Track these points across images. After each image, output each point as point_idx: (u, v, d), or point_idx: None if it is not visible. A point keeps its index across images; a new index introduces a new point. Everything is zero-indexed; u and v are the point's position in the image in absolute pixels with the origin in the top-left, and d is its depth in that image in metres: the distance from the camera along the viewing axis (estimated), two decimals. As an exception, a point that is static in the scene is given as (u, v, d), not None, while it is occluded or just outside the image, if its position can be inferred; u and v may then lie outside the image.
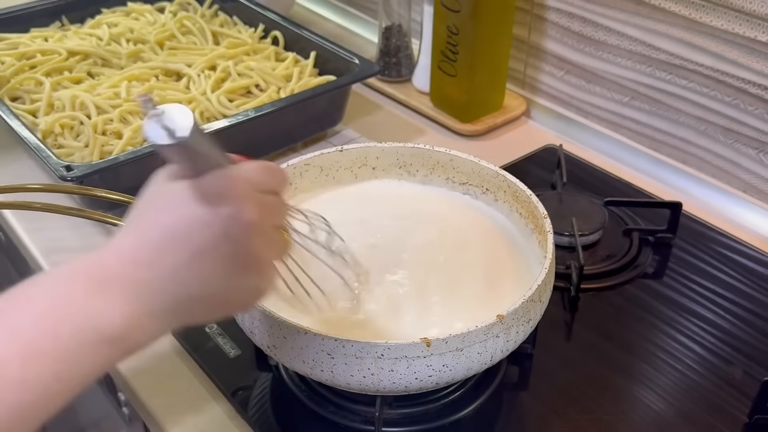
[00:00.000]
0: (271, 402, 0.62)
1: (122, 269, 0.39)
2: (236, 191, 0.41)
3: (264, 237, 0.42)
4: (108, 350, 0.38)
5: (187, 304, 0.41)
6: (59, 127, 0.86)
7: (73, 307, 0.37)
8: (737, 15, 0.77)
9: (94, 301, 0.38)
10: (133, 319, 0.39)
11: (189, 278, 0.40)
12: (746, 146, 0.82)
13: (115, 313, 0.38)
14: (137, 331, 0.39)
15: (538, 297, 0.55)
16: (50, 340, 0.36)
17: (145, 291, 0.39)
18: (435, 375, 0.52)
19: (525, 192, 0.65)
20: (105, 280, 0.39)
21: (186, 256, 0.40)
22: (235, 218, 0.40)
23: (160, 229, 0.40)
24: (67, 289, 0.38)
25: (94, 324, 0.37)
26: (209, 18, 1.11)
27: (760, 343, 0.67)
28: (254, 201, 0.41)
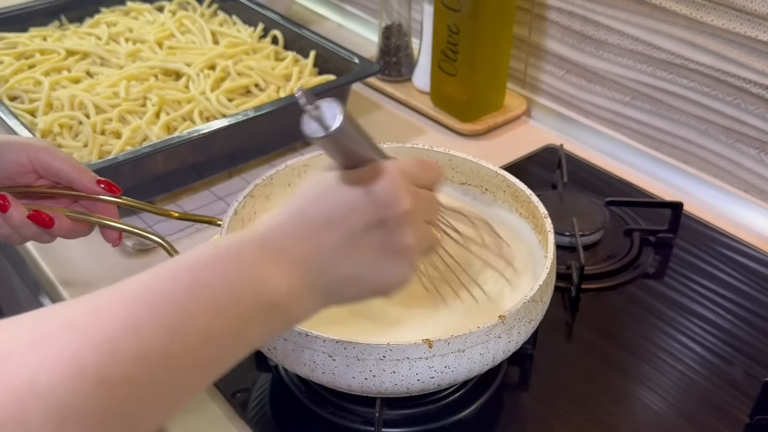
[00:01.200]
0: (271, 403, 0.62)
1: (288, 242, 0.41)
2: (393, 182, 0.43)
3: (415, 229, 0.44)
4: (274, 317, 0.40)
5: (339, 283, 0.43)
6: (58, 126, 0.86)
7: (252, 271, 0.39)
8: (738, 14, 0.77)
9: (269, 268, 0.40)
10: (297, 289, 0.41)
11: (342, 259, 0.42)
12: (747, 146, 0.82)
13: (285, 281, 0.40)
14: (297, 303, 0.41)
15: (539, 297, 0.55)
16: (233, 299, 0.38)
17: (308, 266, 0.41)
18: (437, 376, 0.51)
19: (525, 192, 0.65)
20: (275, 250, 0.41)
21: (342, 238, 0.42)
22: (391, 207, 0.43)
23: (320, 210, 0.43)
24: (246, 253, 0.40)
25: (266, 287, 0.39)
26: (208, 17, 1.11)
27: (761, 344, 0.67)
28: (409, 193, 0.44)
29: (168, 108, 0.89)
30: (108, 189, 0.59)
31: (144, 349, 0.34)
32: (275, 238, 0.42)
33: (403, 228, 0.43)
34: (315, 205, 0.43)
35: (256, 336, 0.40)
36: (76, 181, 0.58)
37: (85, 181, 0.58)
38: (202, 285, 0.37)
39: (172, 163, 0.82)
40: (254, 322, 0.39)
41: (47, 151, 0.57)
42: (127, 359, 0.33)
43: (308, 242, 0.42)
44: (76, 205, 0.60)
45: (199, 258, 0.39)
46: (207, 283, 0.38)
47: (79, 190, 0.58)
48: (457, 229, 0.56)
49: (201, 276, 0.38)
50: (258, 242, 0.41)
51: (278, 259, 0.41)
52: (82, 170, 0.58)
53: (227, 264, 0.39)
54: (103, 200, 0.59)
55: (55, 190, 0.59)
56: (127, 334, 0.34)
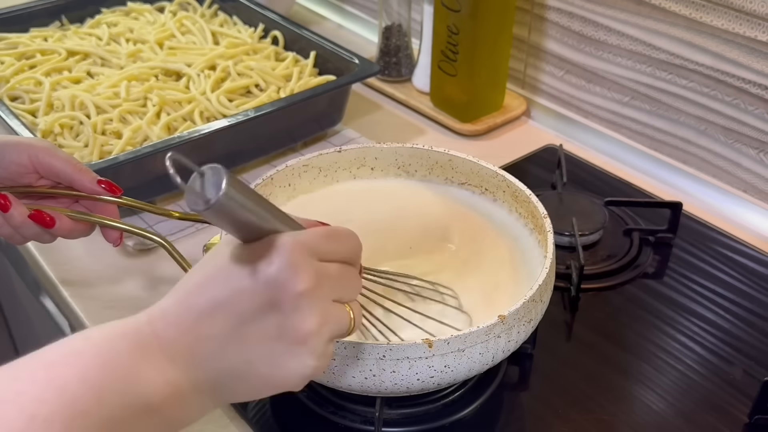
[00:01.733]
0: (271, 402, 0.62)
1: (168, 334, 0.38)
2: (289, 258, 0.37)
3: (318, 311, 0.38)
4: (146, 421, 0.36)
5: (229, 379, 0.39)
6: (59, 126, 0.86)
7: (121, 369, 0.36)
8: (737, 15, 0.77)
9: (141, 366, 0.36)
10: (177, 389, 0.37)
11: (231, 351, 0.38)
12: (746, 146, 0.82)
13: (162, 379, 0.36)
14: (178, 405, 0.37)
15: (539, 297, 0.55)
16: (96, 402, 0.34)
17: (190, 361, 0.38)
18: (437, 376, 0.52)
19: (524, 192, 0.65)
20: (152, 345, 0.37)
21: (229, 326, 0.37)
22: (285, 288, 0.37)
23: (205, 297, 0.38)
24: (116, 349, 0.36)
25: (139, 390, 0.36)
26: (209, 18, 1.11)
27: (760, 343, 0.67)
28: (309, 269, 0.38)
29: (168, 108, 0.89)
30: (109, 189, 0.59)
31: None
32: (155, 330, 0.38)
33: (301, 311, 0.37)
34: (201, 290, 0.38)
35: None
36: (77, 181, 0.58)
37: (86, 181, 0.58)
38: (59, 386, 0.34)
39: (172, 163, 0.82)
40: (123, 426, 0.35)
41: (48, 152, 0.57)
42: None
43: (190, 333, 0.37)
44: (77, 205, 0.60)
45: (64, 353, 0.35)
46: (65, 383, 0.34)
47: (79, 190, 0.58)
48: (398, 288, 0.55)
49: (59, 375, 0.34)
50: (133, 336, 0.37)
51: (154, 355, 0.37)
52: (83, 170, 0.58)
53: (92, 361, 0.35)
54: (103, 200, 0.59)
55: (56, 191, 0.59)
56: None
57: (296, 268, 0.37)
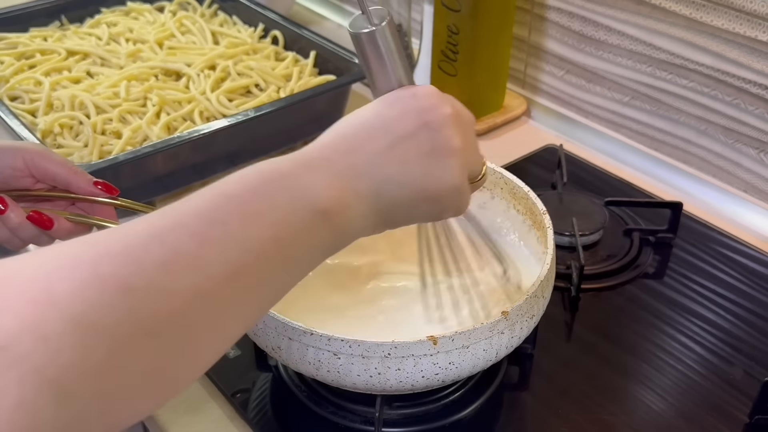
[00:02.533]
0: (271, 402, 0.62)
1: (325, 155, 0.41)
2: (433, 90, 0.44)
3: (462, 134, 0.44)
4: (321, 225, 0.38)
5: (389, 187, 0.42)
6: (58, 126, 0.86)
7: (285, 178, 0.38)
8: (738, 15, 0.77)
9: (303, 175, 0.39)
10: (340, 193, 0.39)
11: (389, 163, 0.42)
12: (747, 146, 0.82)
13: (324, 184, 0.39)
14: (344, 210, 0.40)
15: (541, 293, 0.55)
16: (267, 204, 0.36)
17: (348, 173, 0.40)
18: (441, 373, 0.52)
19: (522, 189, 0.65)
20: (312, 162, 0.40)
21: (385, 142, 0.42)
22: (433, 111, 0.43)
23: (359, 123, 0.43)
24: (277, 166, 0.39)
25: (305, 194, 0.38)
26: (209, 17, 1.11)
27: (760, 343, 0.67)
28: (450, 101, 0.45)
29: (168, 108, 0.89)
30: (106, 190, 0.58)
31: (171, 256, 0.32)
32: (312, 154, 0.41)
33: (448, 128, 0.43)
34: (353, 123, 0.43)
35: (301, 249, 0.38)
36: (73, 183, 0.57)
37: (83, 183, 0.58)
38: (230, 196, 0.36)
39: (172, 163, 0.82)
40: (295, 230, 0.37)
41: (43, 155, 0.56)
42: (153, 266, 0.31)
43: (351, 153, 0.41)
44: (74, 207, 0.60)
45: (228, 177, 0.38)
46: (236, 193, 0.36)
47: (76, 192, 0.58)
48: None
49: (229, 189, 0.36)
50: (293, 158, 0.40)
51: (318, 169, 0.39)
52: (78, 173, 0.58)
53: (258, 176, 0.38)
54: (100, 202, 0.59)
55: (52, 193, 0.59)
56: (149, 243, 0.32)
57: (441, 99, 0.44)
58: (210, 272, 0.33)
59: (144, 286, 0.30)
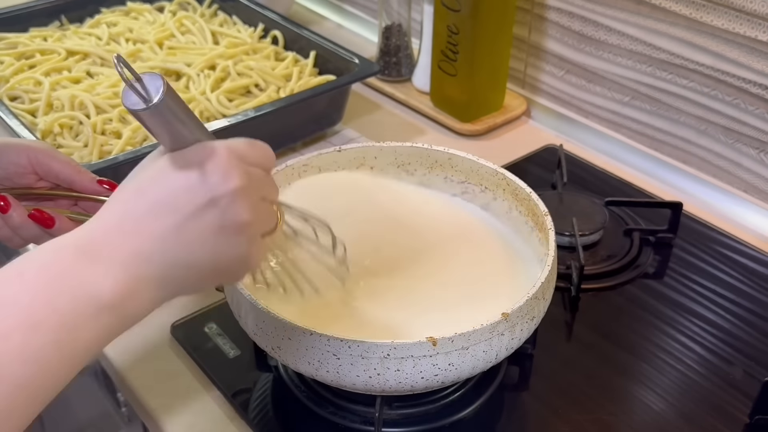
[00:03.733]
0: (271, 402, 0.62)
1: (109, 239, 0.39)
2: (222, 160, 0.41)
3: (251, 205, 0.42)
4: (106, 319, 0.38)
5: (177, 271, 0.41)
6: (58, 126, 0.86)
7: (67, 276, 0.37)
8: (738, 14, 0.77)
9: (86, 270, 0.38)
10: (126, 284, 0.39)
11: (176, 245, 0.40)
12: (747, 146, 0.82)
13: (109, 279, 0.38)
14: (132, 298, 0.39)
15: (541, 294, 0.55)
16: (49, 310, 0.36)
17: (134, 259, 0.39)
18: (441, 374, 0.52)
19: (524, 190, 0.65)
20: (94, 251, 0.39)
21: (171, 223, 0.40)
22: (221, 185, 0.41)
23: (144, 200, 0.40)
24: (59, 259, 0.38)
25: (89, 291, 0.37)
26: (208, 17, 1.11)
27: (760, 343, 0.67)
28: (240, 170, 0.42)
29: (168, 108, 0.89)
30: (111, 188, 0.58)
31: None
32: (96, 238, 0.39)
33: (236, 204, 0.41)
34: (139, 197, 0.41)
35: (88, 342, 0.38)
36: (77, 182, 0.57)
37: (86, 181, 0.58)
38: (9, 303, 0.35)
39: (172, 163, 0.82)
40: (80, 329, 0.37)
41: (47, 153, 0.57)
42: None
43: (134, 236, 0.40)
44: (76, 207, 0.60)
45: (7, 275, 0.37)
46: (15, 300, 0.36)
47: (80, 191, 0.58)
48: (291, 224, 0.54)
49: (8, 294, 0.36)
50: (74, 246, 0.39)
51: (98, 259, 0.38)
52: (82, 171, 0.58)
53: (38, 275, 0.37)
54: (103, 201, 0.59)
55: (55, 192, 0.59)
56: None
57: (231, 169, 0.41)
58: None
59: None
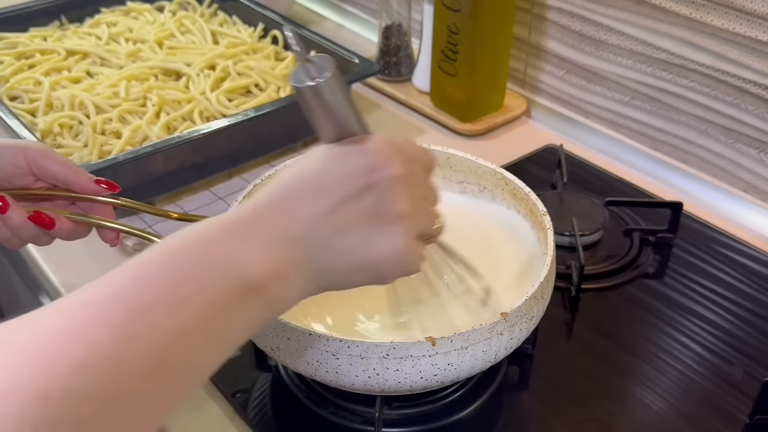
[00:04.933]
0: (271, 402, 0.62)
1: (261, 219, 0.38)
2: (382, 146, 0.40)
3: (409, 197, 0.40)
4: (253, 301, 0.36)
5: (326, 257, 0.39)
6: (58, 126, 0.86)
7: (215, 255, 0.36)
8: (738, 14, 0.77)
9: (236, 247, 0.37)
10: (275, 265, 0.37)
11: (328, 229, 0.39)
12: (747, 146, 0.82)
13: (258, 258, 0.37)
14: (280, 282, 0.38)
15: (540, 294, 0.55)
16: (195, 287, 0.34)
17: (285, 240, 0.38)
18: (440, 374, 0.52)
19: (523, 189, 0.65)
20: (245, 229, 0.38)
21: (326, 205, 0.39)
22: (380, 170, 0.40)
23: (302, 183, 0.40)
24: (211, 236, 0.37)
25: (237, 270, 0.36)
26: (208, 17, 1.11)
27: (760, 344, 0.67)
28: (401, 157, 0.40)
29: (168, 108, 0.89)
30: (109, 187, 0.58)
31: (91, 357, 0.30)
32: (249, 217, 0.38)
33: (394, 192, 0.40)
34: (297, 180, 0.40)
35: (234, 327, 0.36)
36: (74, 182, 0.57)
37: (84, 181, 0.57)
38: (153, 277, 0.34)
39: (172, 163, 0.82)
40: (227, 310, 0.35)
41: (45, 154, 0.56)
42: (72, 370, 0.29)
43: (287, 217, 0.38)
44: (74, 207, 0.60)
45: (152, 251, 0.35)
46: (159, 274, 0.34)
47: (78, 191, 0.58)
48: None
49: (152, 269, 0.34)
50: (225, 222, 0.38)
51: (249, 237, 0.37)
52: (79, 172, 0.57)
53: (187, 251, 0.35)
54: (100, 201, 0.59)
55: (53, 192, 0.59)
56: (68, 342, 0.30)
57: (391, 156, 0.40)
58: (133, 368, 0.31)
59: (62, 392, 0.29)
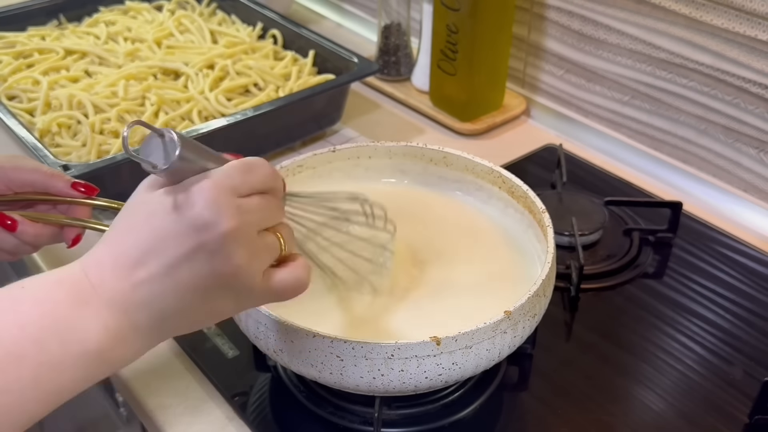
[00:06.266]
0: (270, 403, 0.62)
1: (102, 284, 0.39)
2: (210, 200, 0.39)
3: (244, 247, 0.40)
4: (91, 363, 0.38)
5: (168, 319, 0.40)
6: (56, 126, 0.86)
7: (59, 316, 0.37)
8: (738, 14, 0.77)
9: (78, 313, 0.38)
10: (116, 332, 0.38)
11: (166, 293, 0.39)
12: (747, 145, 0.82)
13: (100, 326, 0.38)
14: (120, 345, 0.39)
15: (542, 291, 0.55)
16: (34, 345, 0.36)
17: (126, 305, 0.39)
18: (444, 373, 0.51)
19: (521, 187, 0.65)
20: (88, 293, 0.38)
21: (160, 271, 0.39)
22: (209, 230, 0.39)
23: (134, 242, 0.39)
24: (54, 297, 0.38)
25: (78, 336, 0.37)
26: (207, 16, 1.11)
27: (760, 343, 0.67)
28: (230, 208, 0.39)
29: (167, 107, 0.89)
30: (87, 191, 0.58)
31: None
32: (90, 280, 0.39)
33: (227, 249, 0.39)
34: (129, 237, 0.40)
35: (66, 383, 0.38)
36: (51, 187, 0.57)
37: (61, 185, 0.57)
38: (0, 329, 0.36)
39: (170, 162, 0.82)
40: (62, 370, 0.37)
41: (15, 168, 0.55)
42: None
43: (124, 280, 0.39)
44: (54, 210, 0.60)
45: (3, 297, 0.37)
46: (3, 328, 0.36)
47: (55, 194, 0.57)
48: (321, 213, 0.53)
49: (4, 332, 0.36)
50: (69, 285, 0.38)
51: (91, 302, 0.38)
52: (55, 175, 0.57)
53: (31, 309, 0.37)
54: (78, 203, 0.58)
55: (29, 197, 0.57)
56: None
57: (218, 209, 0.39)
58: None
59: None
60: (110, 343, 0.38)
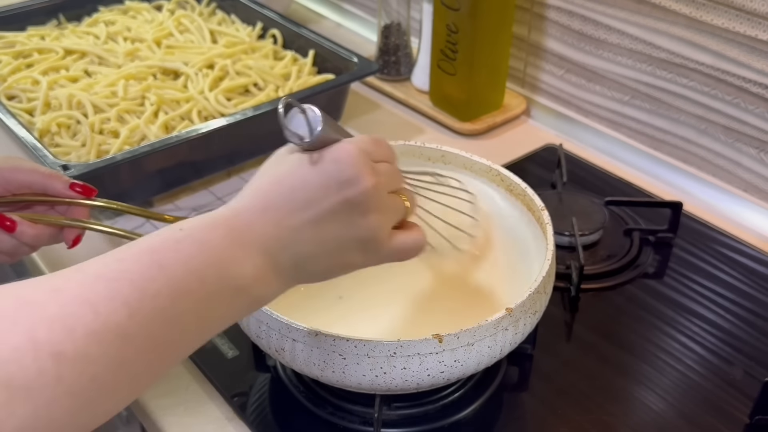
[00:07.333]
0: (270, 403, 0.62)
1: (254, 226, 0.42)
2: (354, 161, 0.44)
3: (380, 204, 0.45)
4: (239, 300, 0.41)
5: (305, 261, 0.44)
6: (56, 126, 0.86)
7: (218, 254, 0.40)
8: (738, 14, 0.77)
9: (233, 252, 0.41)
10: (263, 272, 0.42)
11: (309, 240, 0.43)
12: (747, 145, 0.82)
13: (250, 263, 0.41)
14: (265, 284, 0.42)
15: (543, 288, 0.55)
16: (197, 281, 0.39)
17: (273, 247, 0.42)
18: (447, 371, 0.51)
19: (520, 186, 0.65)
20: (242, 233, 0.42)
21: (307, 217, 0.43)
22: (354, 186, 0.43)
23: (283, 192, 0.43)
24: (211, 236, 0.41)
25: (233, 273, 0.40)
26: (207, 16, 1.11)
27: (760, 344, 0.67)
28: (370, 169, 0.44)
29: (166, 107, 0.88)
30: (84, 192, 0.58)
31: (102, 326, 0.34)
32: (241, 222, 0.42)
33: (367, 205, 0.44)
34: (278, 186, 0.44)
35: (219, 319, 0.41)
36: (49, 188, 0.57)
37: (59, 186, 0.57)
38: (164, 266, 0.38)
39: (170, 162, 0.82)
40: (218, 305, 0.40)
41: (13, 169, 0.56)
42: (84, 336, 0.33)
43: (274, 226, 0.43)
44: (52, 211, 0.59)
45: (163, 240, 0.39)
46: (169, 265, 0.38)
47: (54, 195, 0.57)
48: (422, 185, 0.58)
49: (163, 258, 0.38)
50: (224, 226, 0.42)
51: (244, 242, 0.41)
52: (53, 176, 0.57)
53: (192, 247, 0.39)
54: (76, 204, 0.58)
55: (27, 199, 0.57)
56: (84, 310, 0.34)
57: (361, 168, 0.44)
58: (134, 343, 0.36)
59: (73, 353, 0.33)
60: (257, 282, 0.41)
